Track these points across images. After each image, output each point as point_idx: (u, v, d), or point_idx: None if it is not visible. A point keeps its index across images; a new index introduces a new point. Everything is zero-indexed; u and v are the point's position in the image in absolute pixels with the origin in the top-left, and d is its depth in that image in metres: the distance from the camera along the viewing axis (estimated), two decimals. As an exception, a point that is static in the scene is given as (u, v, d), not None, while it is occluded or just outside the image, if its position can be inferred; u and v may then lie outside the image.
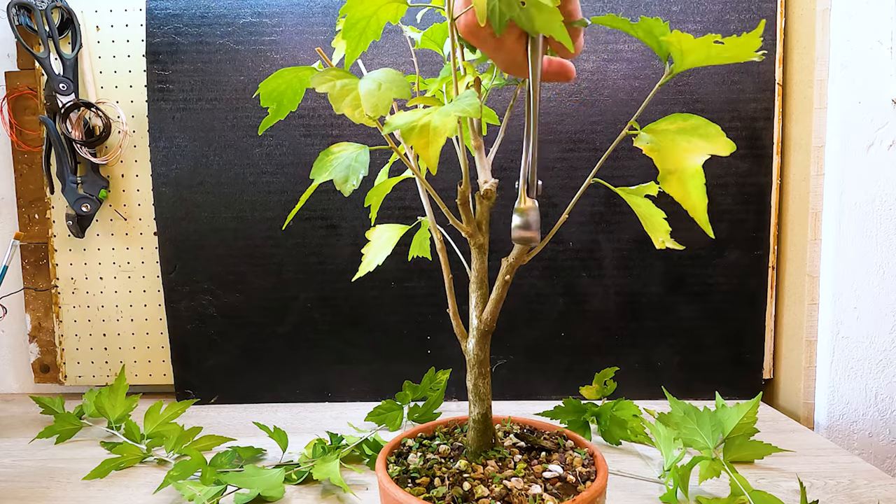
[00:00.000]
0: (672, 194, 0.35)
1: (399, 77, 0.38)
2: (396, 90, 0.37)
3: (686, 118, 0.37)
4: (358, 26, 0.40)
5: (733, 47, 0.34)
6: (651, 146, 0.36)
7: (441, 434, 0.54)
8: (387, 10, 0.40)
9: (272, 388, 0.93)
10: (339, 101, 0.36)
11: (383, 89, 0.37)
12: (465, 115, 0.35)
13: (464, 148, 0.45)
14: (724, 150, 0.35)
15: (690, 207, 0.35)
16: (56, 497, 0.62)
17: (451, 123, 0.34)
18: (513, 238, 0.43)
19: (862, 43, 0.80)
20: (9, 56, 0.95)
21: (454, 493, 0.43)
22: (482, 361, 0.48)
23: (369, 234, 0.56)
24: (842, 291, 0.82)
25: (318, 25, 0.87)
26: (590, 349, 0.91)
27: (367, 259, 0.55)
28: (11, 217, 0.97)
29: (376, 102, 0.36)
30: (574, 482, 0.45)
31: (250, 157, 0.89)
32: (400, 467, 0.48)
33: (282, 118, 0.45)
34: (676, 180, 0.35)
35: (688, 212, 0.35)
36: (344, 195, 0.41)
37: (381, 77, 0.38)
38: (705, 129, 0.36)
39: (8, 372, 1.01)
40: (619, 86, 0.87)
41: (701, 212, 0.34)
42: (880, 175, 0.81)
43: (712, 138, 0.35)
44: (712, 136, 0.35)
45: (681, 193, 0.35)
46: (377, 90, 0.37)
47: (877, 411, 0.83)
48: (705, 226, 0.34)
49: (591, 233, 0.89)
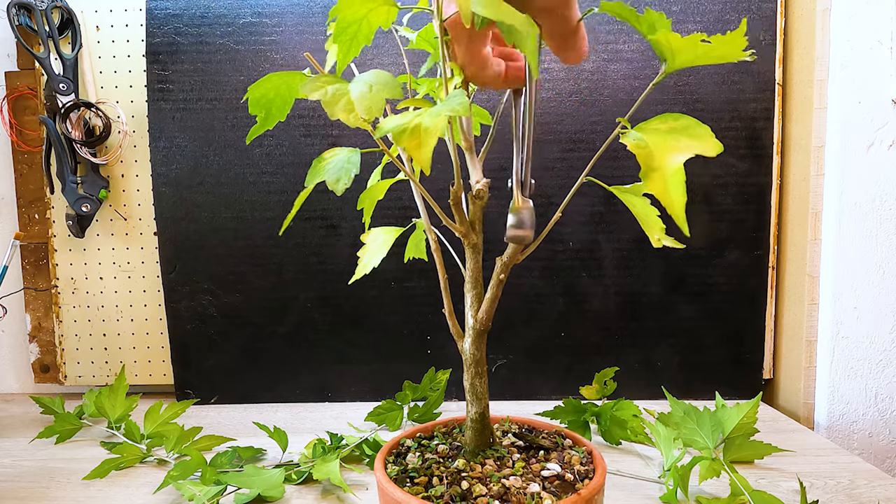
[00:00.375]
0: (652, 191, 0.35)
1: (389, 78, 0.38)
2: (388, 91, 0.37)
3: (677, 118, 0.37)
4: (349, 30, 0.40)
5: (720, 46, 0.34)
6: (637, 143, 0.37)
7: (440, 434, 0.54)
8: (378, 14, 0.40)
9: (272, 388, 0.93)
10: (333, 106, 0.36)
11: (375, 91, 0.37)
12: (454, 114, 0.35)
13: (455, 148, 0.45)
14: (711, 151, 0.35)
15: (668, 204, 0.35)
16: (56, 497, 0.62)
17: (441, 124, 0.34)
18: (506, 237, 0.43)
19: (862, 43, 0.80)
20: (9, 56, 0.95)
21: (452, 492, 0.43)
22: (478, 361, 0.48)
23: (364, 237, 0.56)
24: (842, 291, 0.82)
25: (318, 25, 0.87)
26: (590, 349, 0.91)
27: (362, 262, 0.55)
28: (11, 217, 0.97)
29: (369, 105, 0.36)
30: (572, 480, 0.45)
31: (250, 157, 0.89)
32: (398, 467, 0.48)
33: (270, 127, 0.45)
34: (658, 177, 0.35)
35: (666, 209, 0.35)
36: (336, 194, 0.41)
37: (372, 79, 0.38)
38: (695, 130, 0.36)
39: (8, 372, 1.01)
40: (619, 86, 0.87)
41: (679, 208, 0.34)
42: (880, 175, 0.81)
43: (700, 138, 0.35)
44: (700, 136, 0.35)
45: (661, 190, 0.35)
46: (369, 92, 0.37)
47: (877, 411, 0.83)
48: (682, 223, 0.34)
49: (591, 233, 0.89)
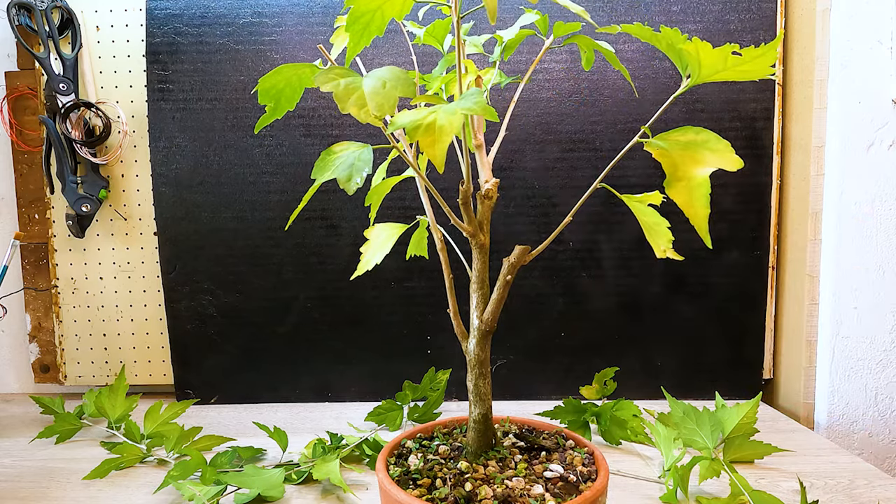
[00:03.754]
0: (677, 201, 0.37)
1: (404, 75, 0.38)
2: (402, 88, 0.37)
3: (697, 132, 0.38)
4: (362, 20, 0.40)
5: (750, 60, 0.35)
6: (662, 152, 0.37)
7: (440, 435, 0.54)
8: (392, 5, 0.40)
9: (272, 388, 0.93)
10: (345, 100, 0.36)
11: (388, 88, 0.36)
12: (471, 113, 0.35)
13: (466, 147, 0.45)
14: (732, 166, 0.36)
15: (693, 215, 0.36)
16: (56, 497, 0.62)
17: (457, 122, 0.34)
18: None
19: (862, 43, 0.80)
20: (9, 56, 0.95)
21: (456, 494, 0.43)
22: (482, 361, 0.48)
23: (367, 232, 0.56)
24: (842, 291, 0.82)
25: (318, 25, 0.87)
26: (590, 349, 0.91)
27: (365, 258, 0.55)
28: (11, 217, 0.97)
29: (382, 101, 0.35)
30: (575, 482, 0.45)
31: (250, 157, 0.89)
32: (400, 469, 0.48)
33: (279, 117, 0.45)
34: (683, 188, 0.36)
35: (689, 220, 0.36)
36: (348, 194, 0.41)
37: (386, 75, 0.37)
38: (715, 144, 0.37)
39: (8, 372, 1.01)
40: (619, 86, 0.87)
41: (702, 220, 0.35)
42: (880, 175, 0.81)
43: (721, 153, 0.36)
44: (721, 151, 0.36)
45: (686, 201, 0.36)
46: (382, 88, 0.36)
47: (877, 411, 0.83)
48: (705, 235, 0.35)
49: (591, 233, 0.89)
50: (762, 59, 0.35)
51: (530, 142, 0.88)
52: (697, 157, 0.36)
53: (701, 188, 0.36)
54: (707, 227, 0.35)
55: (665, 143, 0.38)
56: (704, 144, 0.37)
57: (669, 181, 0.37)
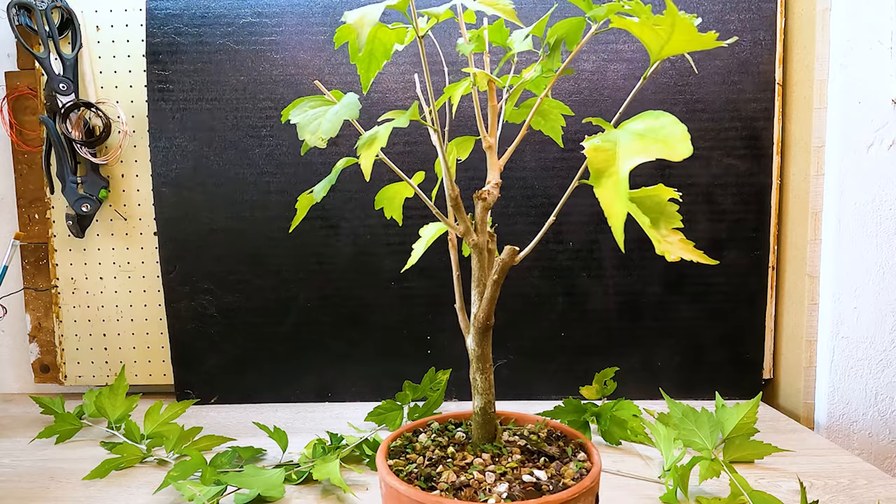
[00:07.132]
0: (599, 199, 0.33)
1: (353, 102, 0.43)
2: (347, 112, 0.42)
3: (657, 116, 0.34)
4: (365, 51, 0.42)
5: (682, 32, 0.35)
6: (596, 147, 0.34)
7: (452, 426, 0.55)
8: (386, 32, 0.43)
9: (272, 388, 0.93)
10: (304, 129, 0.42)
11: (339, 114, 0.42)
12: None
13: (444, 153, 0.47)
14: (676, 156, 0.32)
15: (608, 214, 0.32)
16: (56, 497, 0.62)
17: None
18: None
19: (862, 43, 0.80)
20: (9, 56, 0.95)
21: (420, 471, 0.45)
22: (480, 357, 0.49)
23: (422, 230, 0.58)
24: (842, 291, 0.82)
25: (318, 25, 0.87)
26: (590, 349, 0.91)
27: (415, 252, 0.57)
28: (11, 217, 0.97)
29: (329, 127, 0.41)
30: (547, 490, 0.44)
31: (250, 157, 0.89)
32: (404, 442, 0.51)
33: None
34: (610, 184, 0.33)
35: (607, 219, 0.33)
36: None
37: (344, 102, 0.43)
38: (670, 130, 0.33)
39: (8, 372, 1.01)
40: (619, 86, 0.87)
41: (618, 219, 0.32)
42: (880, 175, 0.81)
43: (667, 141, 0.32)
44: (669, 139, 0.33)
45: (608, 198, 0.32)
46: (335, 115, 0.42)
47: (877, 411, 0.83)
48: (619, 236, 0.31)
49: (591, 233, 0.89)
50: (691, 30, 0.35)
51: (530, 142, 0.88)
52: (636, 148, 0.33)
53: (622, 184, 0.32)
54: (622, 229, 0.32)
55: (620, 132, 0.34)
56: (660, 130, 0.33)
57: (595, 176, 0.33)
